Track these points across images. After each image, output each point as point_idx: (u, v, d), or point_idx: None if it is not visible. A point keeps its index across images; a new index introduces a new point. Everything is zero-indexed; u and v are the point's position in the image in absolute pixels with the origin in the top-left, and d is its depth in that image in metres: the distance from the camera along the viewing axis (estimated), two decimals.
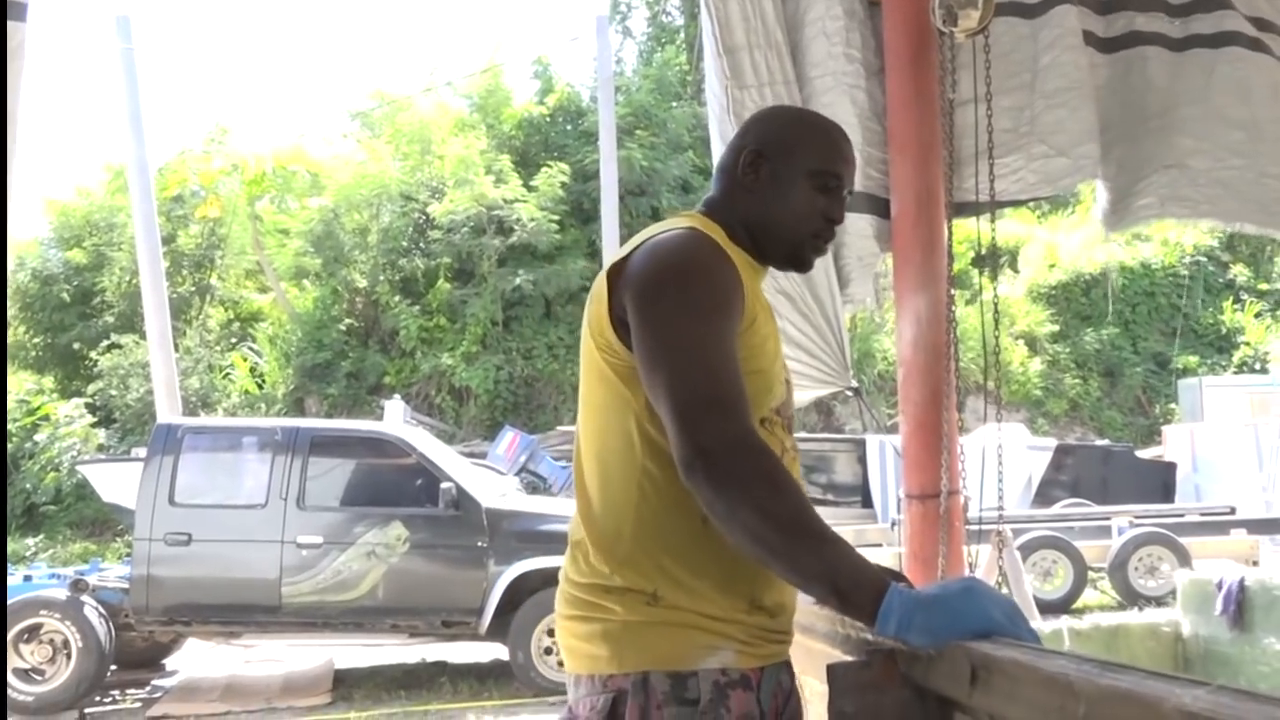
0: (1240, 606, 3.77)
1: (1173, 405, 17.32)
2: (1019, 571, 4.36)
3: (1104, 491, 11.41)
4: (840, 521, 10.57)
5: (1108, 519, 9.80)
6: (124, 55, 13.06)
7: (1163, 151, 3.72)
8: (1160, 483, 11.80)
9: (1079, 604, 9.19)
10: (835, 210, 1.60)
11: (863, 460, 11.70)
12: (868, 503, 11.64)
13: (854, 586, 1.32)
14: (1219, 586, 3.82)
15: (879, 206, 3.90)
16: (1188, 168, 3.66)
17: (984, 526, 3.74)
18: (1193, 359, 18.28)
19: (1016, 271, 19.27)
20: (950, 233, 3.67)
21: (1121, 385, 18.24)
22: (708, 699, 1.41)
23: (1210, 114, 3.59)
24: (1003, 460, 3.51)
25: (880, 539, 9.63)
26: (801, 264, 1.65)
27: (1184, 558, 9.08)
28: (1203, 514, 10.23)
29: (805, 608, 1.87)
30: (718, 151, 3.94)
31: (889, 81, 3.84)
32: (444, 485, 6.81)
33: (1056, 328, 18.37)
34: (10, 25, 2.95)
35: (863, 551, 1.43)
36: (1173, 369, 18.18)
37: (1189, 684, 0.90)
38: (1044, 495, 11.37)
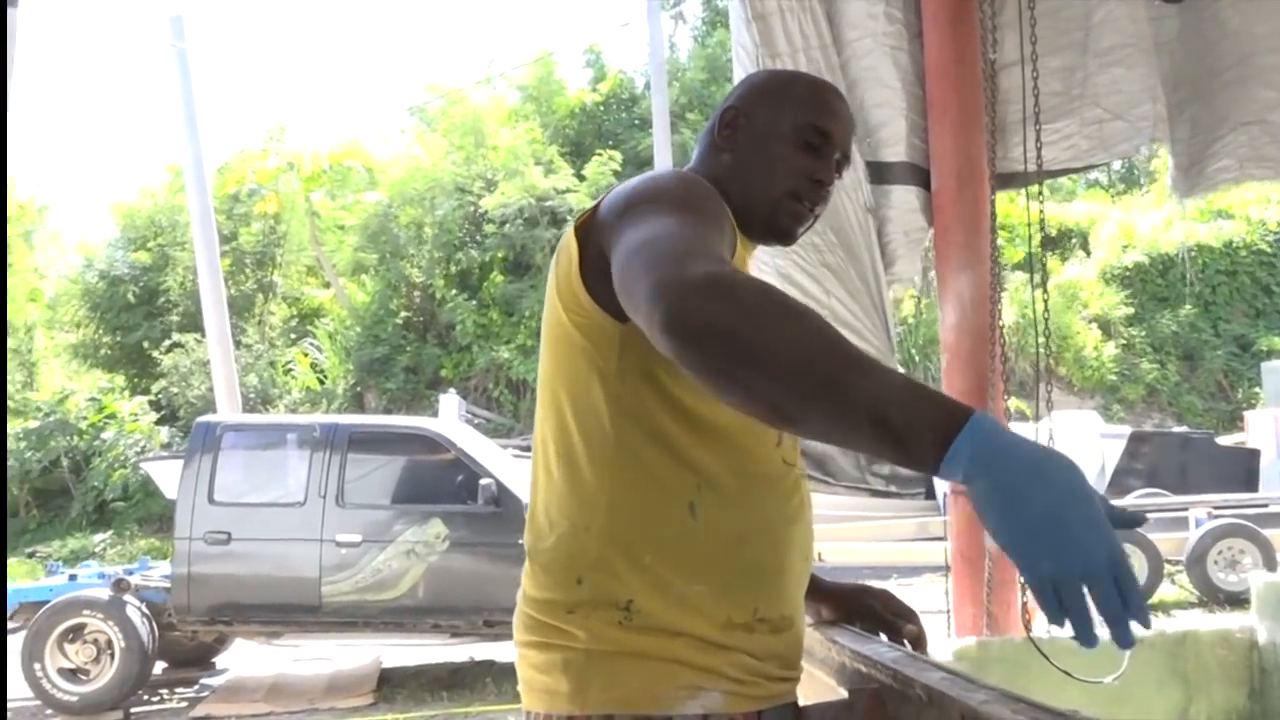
0: None
1: (1256, 389, 16.53)
2: None
3: (1182, 481, 10.88)
4: (903, 514, 10.23)
5: (1184, 510, 9.32)
6: (178, 55, 13.17)
7: (1240, 107, 3.40)
8: (1242, 471, 11.23)
9: (1154, 600, 8.75)
10: (822, 171, 1.38)
11: None
12: (931, 494, 11.26)
13: (906, 422, 0.92)
14: None
15: (926, 178, 3.62)
16: (1268, 123, 3.33)
17: None
18: (1278, 340, 17.48)
19: (1088, 253, 18.62)
20: (994, 207, 3.36)
21: (1202, 369, 17.51)
22: None
23: None
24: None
25: (944, 532, 9.28)
26: (782, 232, 1.40)
27: (1267, 551, 8.59)
28: None
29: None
30: None
31: (927, 44, 3.57)
32: (483, 481, 6.65)
33: (1131, 310, 17.69)
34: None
35: (927, 546, 1.14)
36: (1256, 351, 17.40)
37: None
38: (1118, 485, 10.89)
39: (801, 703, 1.33)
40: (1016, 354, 16.26)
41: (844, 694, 1.29)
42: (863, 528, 9.58)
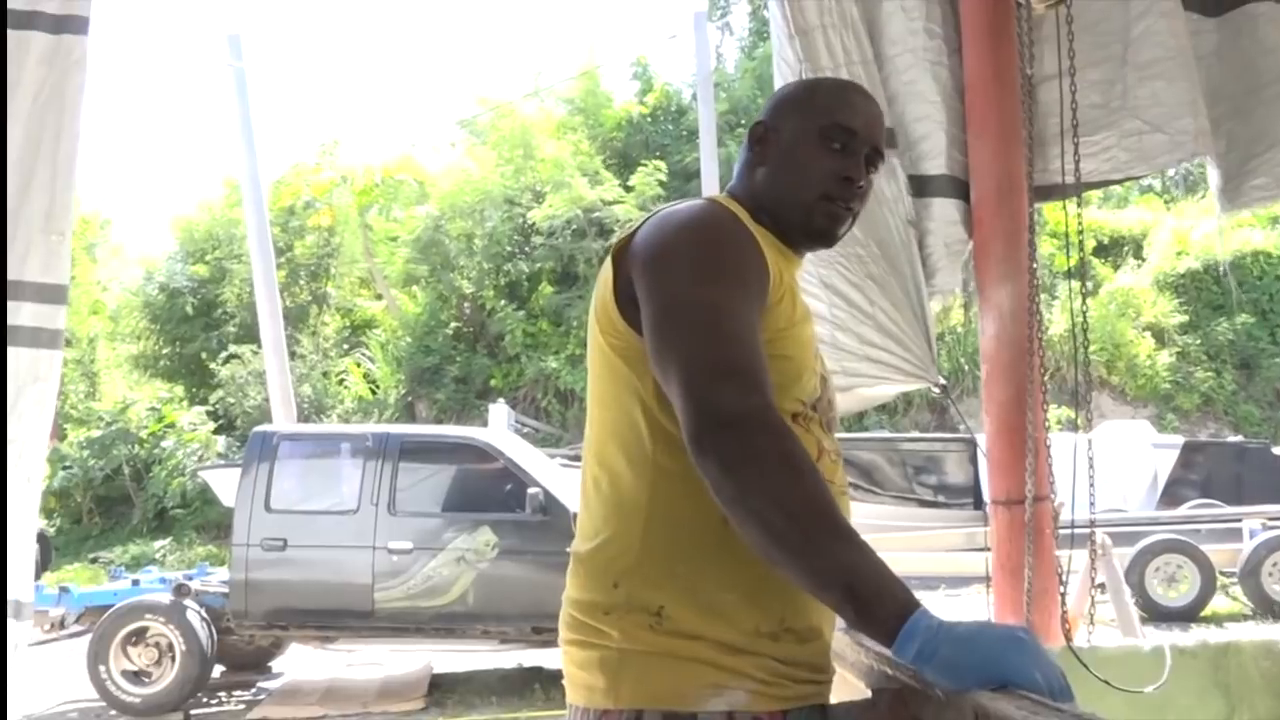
0: None
1: None
2: (1118, 582, 4.06)
3: (1238, 491, 10.71)
4: (951, 524, 10.18)
5: (1239, 521, 9.19)
6: (236, 74, 13.50)
7: (1278, 125, 3.40)
8: None
9: (1207, 611, 8.64)
10: (852, 169, 1.43)
11: (974, 460, 11.25)
12: (980, 504, 11.20)
13: (875, 596, 1.13)
14: None
15: (966, 191, 3.67)
16: None
17: (1077, 531, 3.47)
18: None
19: (1141, 260, 18.36)
20: (1033, 220, 3.40)
21: (1259, 378, 17.18)
22: None
23: None
24: (1093, 462, 3.22)
25: (991, 543, 9.24)
26: (821, 234, 1.46)
27: None
28: None
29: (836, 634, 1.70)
30: None
31: (966, 59, 3.62)
32: (531, 490, 6.76)
33: (1186, 318, 17.40)
34: (71, 39, 2.98)
35: (974, 557, 1.22)
36: None
37: None
38: (1171, 495, 10.76)
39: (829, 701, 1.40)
40: (1068, 363, 16.13)
41: (869, 694, 1.36)
42: (910, 538, 9.54)
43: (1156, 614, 8.52)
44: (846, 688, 1.53)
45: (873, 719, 1.28)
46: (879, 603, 1.13)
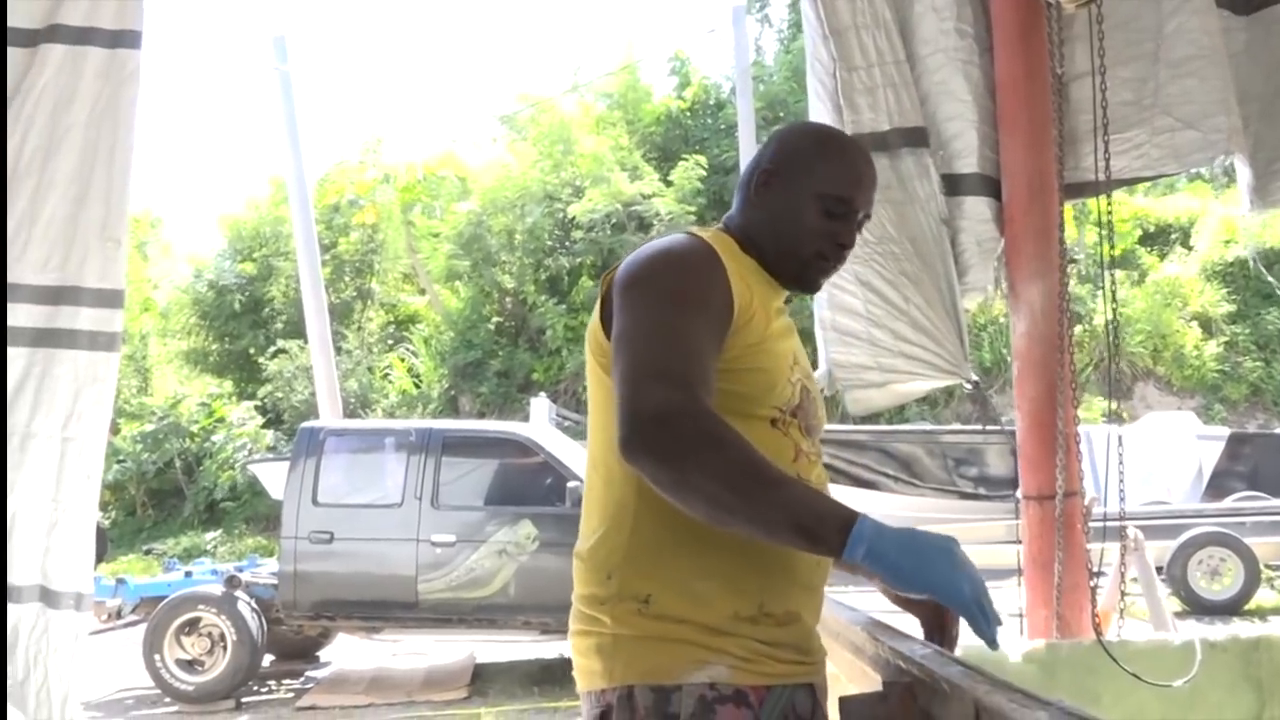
0: None
1: None
2: (1151, 577, 4.06)
3: None
4: (993, 516, 10.13)
5: None
6: (281, 76, 13.70)
7: None
8: None
9: (1251, 605, 8.55)
10: (844, 235, 1.57)
11: (1015, 452, 11.18)
12: None
13: (818, 521, 1.27)
14: None
15: (997, 189, 3.70)
16: None
17: (1108, 524, 3.49)
18: None
19: (1189, 249, 18.07)
20: (1063, 218, 3.42)
21: None
22: (689, 713, 1.36)
23: None
24: (1123, 457, 3.25)
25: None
26: (807, 284, 1.62)
27: None
28: None
29: (838, 619, 1.77)
30: None
31: (997, 59, 3.66)
32: (571, 484, 6.86)
33: (1234, 307, 17.12)
34: (125, 53, 3.11)
35: (1016, 549, 1.31)
36: None
37: None
38: (1216, 487, 10.62)
39: (845, 693, 1.47)
40: (1111, 355, 15.91)
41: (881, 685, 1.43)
42: (950, 530, 9.47)
43: (1199, 607, 8.45)
44: (865, 681, 1.60)
45: (883, 711, 1.34)
46: (822, 525, 1.26)
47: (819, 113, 3.70)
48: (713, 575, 1.40)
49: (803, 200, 1.55)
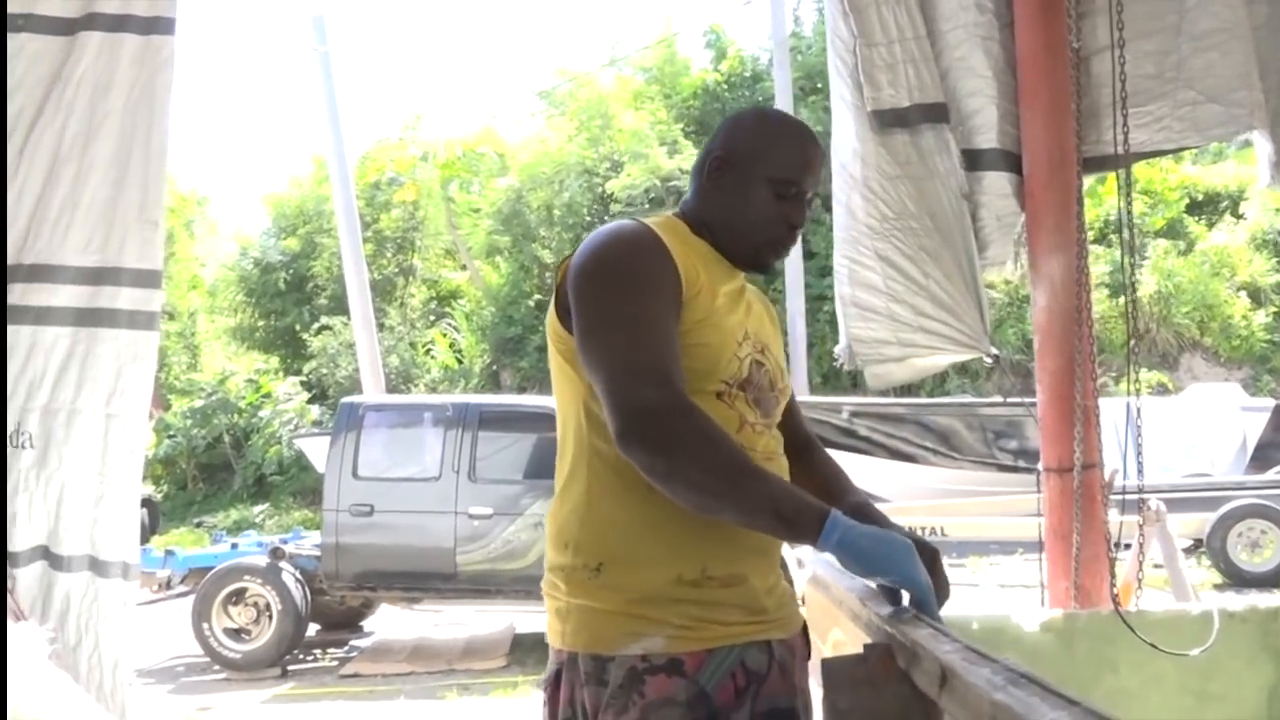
0: None
1: None
2: (1173, 550, 4.07)
3: None
4: (1030, 489, 10.09)
5: None
6: (321, 56, 13.85)
7: None
8: None
9: None
10: (794, 216, 1.64)
11: None
12: None
13: (796, 512, 1.42)
14: None
15: (1018, 164, 3.71)
16: None
17: (1126, 497, 3.51)
18: None
19: (1238, 217, 17.73)
20: (1081, 192, 3.43)
21: None
22: (618, 684, 1.47)
23: None
24: (1141, 429, 3.26)
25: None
26: (761, 265, 1.68)
27: None
28: None
29: (839, 587, 1.84)
30: (840, 115, 3.84)
31: (1018, 33, 3.66)
32: None
33: None
34: (159, 39, 3.21)
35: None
36: None
37: (1065, 703, 0.85)
38: (1261, 459, 10.49)
39: (833, 653, 1.55)
40: (1157, 325, 15.70)
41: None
42: (988, 503, 9.49)
43: (1239, 580, 8.39)
44: (854, 638, 1.67)
45: (863, 672, 1.41)
46: (800, 516, 1.42)
47: (839, 88, 3.73)
48: (658, 541, 1.50)
49: (753, 184, 1.62)
